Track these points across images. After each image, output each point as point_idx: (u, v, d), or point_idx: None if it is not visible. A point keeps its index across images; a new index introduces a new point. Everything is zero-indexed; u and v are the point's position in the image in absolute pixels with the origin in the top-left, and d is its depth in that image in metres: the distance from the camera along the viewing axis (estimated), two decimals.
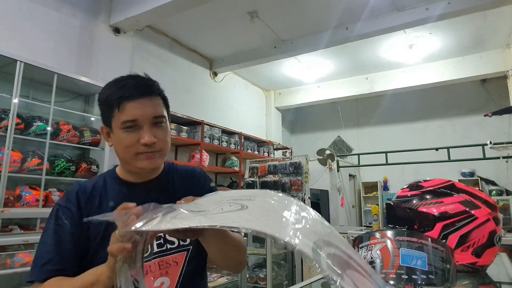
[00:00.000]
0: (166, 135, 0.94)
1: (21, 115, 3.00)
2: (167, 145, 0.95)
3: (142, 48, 4.78)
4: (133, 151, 0.89)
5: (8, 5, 3.29)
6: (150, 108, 0.89)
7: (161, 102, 0.94)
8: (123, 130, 0.89)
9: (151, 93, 0.91)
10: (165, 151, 0.94)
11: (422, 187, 1.20)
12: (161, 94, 0.95)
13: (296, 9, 4.58)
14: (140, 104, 0.88)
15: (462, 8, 4.17)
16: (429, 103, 7.38)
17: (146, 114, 0.89)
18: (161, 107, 0.93)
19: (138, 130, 0.89)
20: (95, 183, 0.98)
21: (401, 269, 0.82)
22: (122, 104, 0.88)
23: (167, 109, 0.97)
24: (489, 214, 1.09)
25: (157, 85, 0.95)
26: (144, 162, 0.90)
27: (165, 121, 0.94)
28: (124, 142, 0.89)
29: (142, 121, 0.88)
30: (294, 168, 4.57)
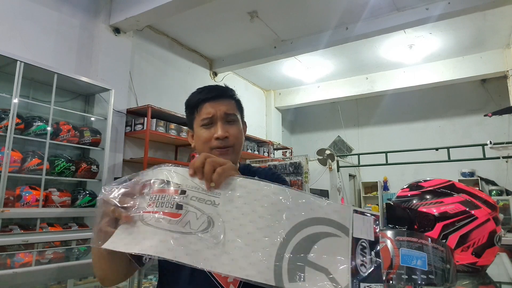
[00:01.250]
0: (238, 132, 1.03)
1: (21, 115, 3.01)
2: (239, 141, 1.04)
3: (142, 48, 4.78)
4: (208, 146, 0.99)
5: (8, 5, 3.29)
6: (223, 106, 1.01)
7: (233, 104, 1.06)
8: (201, 127, 1.01)
9: (225, 96, 1.04)
10: (237, 147, 1.03)
11: (422, 187, 1.20)
12: (234, 98, 1.07)
13: (296, 9, 4.58)
14: (214, 103, 1.01)
15: (462, 8, 4.18)
16: (429, 103, 7.38)
17: (219, 111, 1.00)
18: (233, 107, 1.05)
19: (213, 126, 1.00)
20: None
21: (401, 269, 0.82)
22: (200, 105, 1.02)
23: (240, 113, 1.08)
24: (489, 214, 1.09)
25: (231, 90, 1.08)
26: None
27: (237, 120, 1.04)
28: (202, 137, 1.00)
29: (216, 116, 1.00)
30: (294, 168, 4.57)
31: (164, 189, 0.64)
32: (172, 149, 5.04)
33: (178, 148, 5.08)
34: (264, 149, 6.38)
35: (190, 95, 1.07)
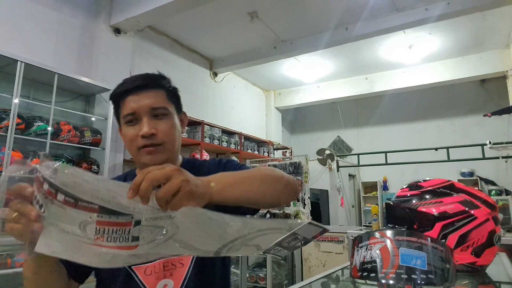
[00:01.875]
0: (169, 128, 0.90)
1: (21, 115, 3.01)
2: (171, 138, 0.91)
3: (143, 48, 4.78)
4: (135, 145, 0.89)
5: (9, 6, 3.29)
6: (148, 100, 0.88)
7: (163, 94, 0.92)
8: (126, 125, 0.90)
9: (150, 86, 0.90)
10: (169, 145, 0.91)
11: (421, 187, 1.20)
12: (164, 87, 0.93)
13: (296, 9, 4.58)
14: (138, 97, 0.89)
15: (461, 9, 4.18)
16: (428, 103, 7.38)
17: (144, 106, 0.88)
18: (162, 99, 0.91)
19: (139, 123, 0.88)
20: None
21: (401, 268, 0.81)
22: (123, 99, 0.90)
23: (175, 103, 0.95)
24: (488, 214, 1.09)
25: (160, 78, 0.93)
26: (147, 158, 0.88)
27: (168, 114, 0.91)
28: (126, 136, 0.90)
29: (141, 113, 0.88)
30: (294, 168, 4.57)
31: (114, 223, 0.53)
32: None
33: None
34: (264, 149, 6.38)
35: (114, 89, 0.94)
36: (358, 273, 0.87)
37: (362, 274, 0.86)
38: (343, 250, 3.71)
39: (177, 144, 0.95)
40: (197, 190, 0.60)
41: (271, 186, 0.79)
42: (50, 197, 0.52)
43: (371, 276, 0.84)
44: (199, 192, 0.60)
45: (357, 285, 0.99)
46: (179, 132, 0.96)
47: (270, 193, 0.79)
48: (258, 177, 0.78)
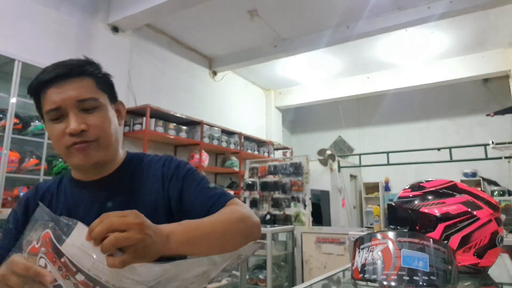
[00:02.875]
0: (102, 121, 0.79)
1: (19, 115, 3.00)
2: (106, 133, 0.80)
3: (141, 47, 4.77)
4: (63, 145, 0.77)
5: (6, 4, 3.28)
6: (72, 91, 0.77)
7: (91, 83, 0.80)
8: (50, 122, 0.79)
9: (75, 74, 0.78)
10: (103, 140, 0.80)
11: (424, 188, 1.20)
12: (92, 75, 0.81)
13: (297, 7, 4.57)
14: (60, 88, 0.76)
15: (464, 7, 4.16)
16: (430, 103, 7.36)
17: (69, 98, 0.76)
18: (91, 89, 0.79)
19: (65, 119, 0.77)
20: (51, 184, 0.91)
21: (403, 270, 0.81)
22: (43, 92, 0.78)
23: (107, 92, 0.84)
24: (491, 214, 1.09)
25: (85, 64, 0.82)
26: (78, 157, 0.78)
27: (99, 106, 0.80)
28: (53, 135, 0.78)
29: (66, 107, 0.76)
30: (294, 169, 4.56)
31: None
32: (171, 149, 5.03)
33: (177, 148, 5.07)
34: (264, 149, 6.37)
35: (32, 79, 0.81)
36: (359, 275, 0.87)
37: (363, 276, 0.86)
38: (344, 252, 3.69)
39: (114, 139, 0.84)
40: (150, 249, 0.56)
41: (231, 241, 0.74)
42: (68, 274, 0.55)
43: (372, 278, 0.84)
44: (152, 252, 0.57)
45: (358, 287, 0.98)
46: (115, 124, 0.85)
47: (229, 248, 0.74)
48: (220, 231, 0.72)
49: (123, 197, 0.82)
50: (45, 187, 0.90)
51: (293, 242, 4.10)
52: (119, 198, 0.81)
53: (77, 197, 0.85)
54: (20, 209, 0.85)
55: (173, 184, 0.85)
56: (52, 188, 0.89)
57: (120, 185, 0.85)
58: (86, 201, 0.78)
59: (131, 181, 0.86)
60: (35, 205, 0.76)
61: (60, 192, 0.87)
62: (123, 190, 0.85)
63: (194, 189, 0.85)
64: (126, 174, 0.87)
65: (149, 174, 0.88)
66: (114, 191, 0.84)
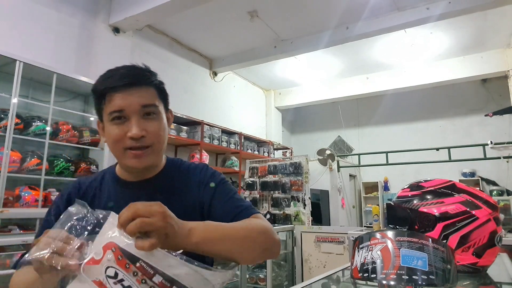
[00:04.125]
0: (158, 129, 0.85)
1: (20, 115, 3.00)
2: (160, 139, 0.87)
3: (142, 47, 4.77)
4: (121, 146, 0.83)
5: (8, 5, 3.28)
6: (137, 98, 0.83)
7: (153, 92, 0.87)
8: (111, 123, 0.83)
9: (140, 82, 0.84)
10: (157, 146, 0.86)
11: (422, 187, 1.20)
12: (154, 84, 0.88)
13: (296, 8, 4.57)
14: (126, 94, 0.82)
15: (462, 8, 4.17)
16: (429, 103, 7.37)
17: (133, 104, 0.82)
18: (152, 96, 0.86)
19: (126, 122, 0.82)
20: (93, 180, 0.95)
21: (402, 269, 0.81)
22: (108, 95, 0.83)
23: (163, 102, 0.90)
24: (489, 214, 1.09)
25: (149, 75, 0.88)
26: (132, 161, 0.84)
27: (157, 113, 0.86)
28: (112, 135, 0.83)
29: (129, 111, 0.82)
30: (294, 168, 4.56)
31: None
32: (172, 149, 5.04)
33: (178, 148, 5.07)
34: (264, 149, 6.37)
35: (98, 79, 0.87)
36: (358, 274, 0.88)
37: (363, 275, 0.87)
38: (343, 251, 3.69)
39: (165, 145, 0.91)
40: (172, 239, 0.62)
41: (249, 249, 0.78)
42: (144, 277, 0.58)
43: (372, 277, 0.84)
44: (173, 241, 0.62)
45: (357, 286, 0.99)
46: (167, 132, 0.92)
47: (246, 255, 0.78)
48: (240, 237, 0.76)
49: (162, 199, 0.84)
50: (87, 182, 0.94)
51: (293, 242, 4.11)
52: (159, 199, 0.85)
53: (120, 196, 0.90)
54: (62, 203, 0.90)
55: (206, 191, 0.91)
56: (94, 184, 0.94)
57: (161, 187, 0.91)
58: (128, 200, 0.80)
59: (171, 185, 0.92)
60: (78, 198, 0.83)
61: (103, 189, 0.92)
62: (163, 192, 0.90)
63: (224, 197, 0.91)
64: (167, 177, 0.93)
65: (187, 179, 0.94)
66: (154, 192, 0.89)
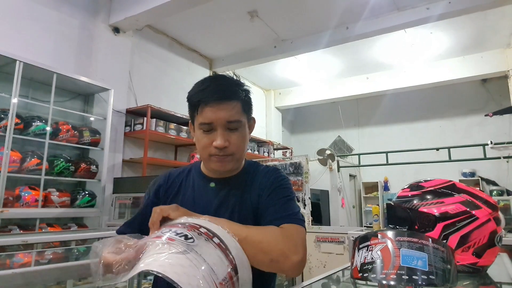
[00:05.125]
0: (240, 140, 0.96)
1: (20, 115, 3.00)
2: (241, 149, 0.98)
3: (142, 47, 4.77)
4: (207, 152, 0.95)
5: (8, 5, 3.28)
6: (225, 113, 0.92)
7: (239, 106, 0.96)
8: (201, 131, 0.95)
9: (229, 98, 0.94)
10: (238, 155, 0.97)
11: (422, 187, 1.19)
12: (241, 98, 0.97)
13: (296, 8, 4.57)
14: (216, 108, 0.92)
15: (462, 8, 4.17)
16: (429, 103, 7.37)
17: (221, 118, 0.92)
18: (238, 112, 0.95)
19: (213, 132, 0.94)
20: (181, 172, 1.10)
21: (402, 269, 0.81)
22: (201, 107, 0.93)
23: (247, 113, 1.00)
24: (489, 214, 1.09)
25: (237, 89, 0.97)
26: (216, 164, 0.96)
27: (241, 126, 0.96)
28: (201, 142, 0.95)
29: (217, 124, 0.93)
30: (294, 168, 4.55)
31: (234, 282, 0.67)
32: (172, 149, 5.04)
33: (178, 148, 5.07)
34: (264, 149, 6.37)
35: (193, 88, 0.99)
36: (358, 274, 0.88)
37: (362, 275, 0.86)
38: (343, 251, 3.69)
39: (245, 152, 1.02)
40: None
41: (257, 255, 0.80)
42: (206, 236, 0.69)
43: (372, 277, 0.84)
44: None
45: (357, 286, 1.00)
46: (248, 140, 1.03)
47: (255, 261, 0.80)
48: (251, 242, 0.80)
49: (237, 196, 1.00)
50: (175, 174, 1.10)
51: None
52: (234, 197, 1.00)
53: (203, 190, 1.04)
54: (152, 192, 1.08)
55: (266, 192, 1.00)
56: (181, 177, 1.09)
57: (237, 187, 1.03)
58: (209, 194, 0.99)
59: (245, 185, 1.03)
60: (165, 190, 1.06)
61: (188, 182, 1.07)
62: (238, 191, 1.02)
63: (275, 197, 0.98)
64: (243, 178, 1.05)
65: (258, 181, 1.04)
66: (231, 190, 1.02)
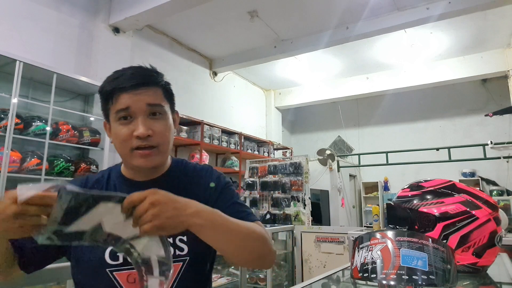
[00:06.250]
0: (164, 129, 0.87)
1: (20, 115, 3.00)
2: (166, 140, 0.88)
3: (142, 47, 4.77)
4: (128, 146, 0.84)
5: (8, 5, 3.28)
6: (144, 97, 0.84)
7: (160, 93, 0.88)
8: (118, 122, 0.85)
9: (148, 83, 0.85)
10: (163, 147, 0.87)
11: (422, 187, 1.19)
12: (161, 85, 0.89)
13: (296, 8, 4.57)
14: (133, 94, 0.83)
15: (462, 8, 4.17)
16: (429, 103, 7.37)
17: (140, 103, 0.83)
18: (159, 97, 0.87)
19: (133, 122, 0.84)
20: (99, 178, 0.96)
21: (402, 269, 0.81)
22: (116, 95, 0.84)
23: (170, 103, 0.91)
24: (489, 214, 1.09)
25: (156, 76, 0.88)
26: (139, 160, 0.85)
27: (163, 113, 0.87)
28: (119, 135, 0.84)
29: (136, 110, 0.83)
30: (294, 168, 4.56)
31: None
32: (172, 149, 5.03)
33: (178, 148, 5.07)
34: (264, 149, 6.37)
35: (106, 79, 0.88)
36: (358, 274, 0.88)
37: (362, 275, 0.86)
38: (343, 251, 3.69)
39: (170, 145, 0.92)
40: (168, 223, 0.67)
41: (246, 250, 0.80)
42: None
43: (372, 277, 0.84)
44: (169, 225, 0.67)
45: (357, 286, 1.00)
46: (173, 133, 0.93)
47: (242, 254, 0.81)
48: (241, 235, 0.79)
49: None
50: (93, 179, 0.96)
51: (292, 242, 4.11)
52: None
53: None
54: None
55: (211, 193, 0.94)
56: (101, 182, 0.95)
57: (167, 188, 0.91)
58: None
59: (177, 185, 0.93)
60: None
61: (109, 187, 0.93)
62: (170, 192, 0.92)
63: (227, 201, 0.93)
64: (173, 178, 0.96)
65: (193, 180, 0.97)
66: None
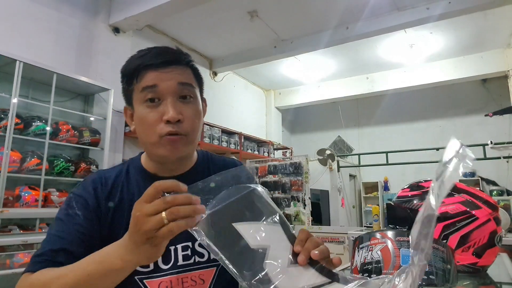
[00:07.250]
0: (195, 115, 0.76)
1: (20, 115, 3.00)
2: (196, 128, 0.78)
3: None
4: (156, 133, 0.73)
5: (8, 5, 3.29)
6: (174, 75, 0.74)
7: (190, 72, 0.78)
8: (144, 105, 0.74)
9: (178, 61, 0.76)
10: (192, 135, 0.77)
11: (422, 187, 1.19)
12: (191, 66, 0.79)
13: (296, 8, 4.57)
14: (162, 72, 0.73)
15: (462, 8, 4.17)
16: (429, 103, 7.37)
17: (170, 81, 0.73)
18: (190, 77, 0.77)
19: (161, 104, 0.73)
20: (118, 173, 0.84)
21: None
22: (142, 73, 0.73)
23: (199, 86, 0.81)
24: (489, 214, 1.09)
25: (186, 55, 0.79)
26: (167, 148, 0.74)
27: (194, 96, 0.77)
28: (147, 120, 0.74)
29: (165, 89, 0.72)
30: (294, 168, 4.56)
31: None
32: None
33: None
34: (264, 149, 6.37)
35: (128, 60, 0.78)
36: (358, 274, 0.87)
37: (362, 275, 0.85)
38: (343, 251, 3.70)
39: (199, 135, 0.82)
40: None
41: None
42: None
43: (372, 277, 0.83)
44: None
45: None
46: (202, 120, 0.82)
47: None
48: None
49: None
50: (112, 176, 0.83)
51: None
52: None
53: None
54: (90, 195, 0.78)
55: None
56: (120, 179, 0.83)
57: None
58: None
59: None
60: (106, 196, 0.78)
61: (131, 184, 0.82)
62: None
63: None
64: (202, 174, 0.80)
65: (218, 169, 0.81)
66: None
